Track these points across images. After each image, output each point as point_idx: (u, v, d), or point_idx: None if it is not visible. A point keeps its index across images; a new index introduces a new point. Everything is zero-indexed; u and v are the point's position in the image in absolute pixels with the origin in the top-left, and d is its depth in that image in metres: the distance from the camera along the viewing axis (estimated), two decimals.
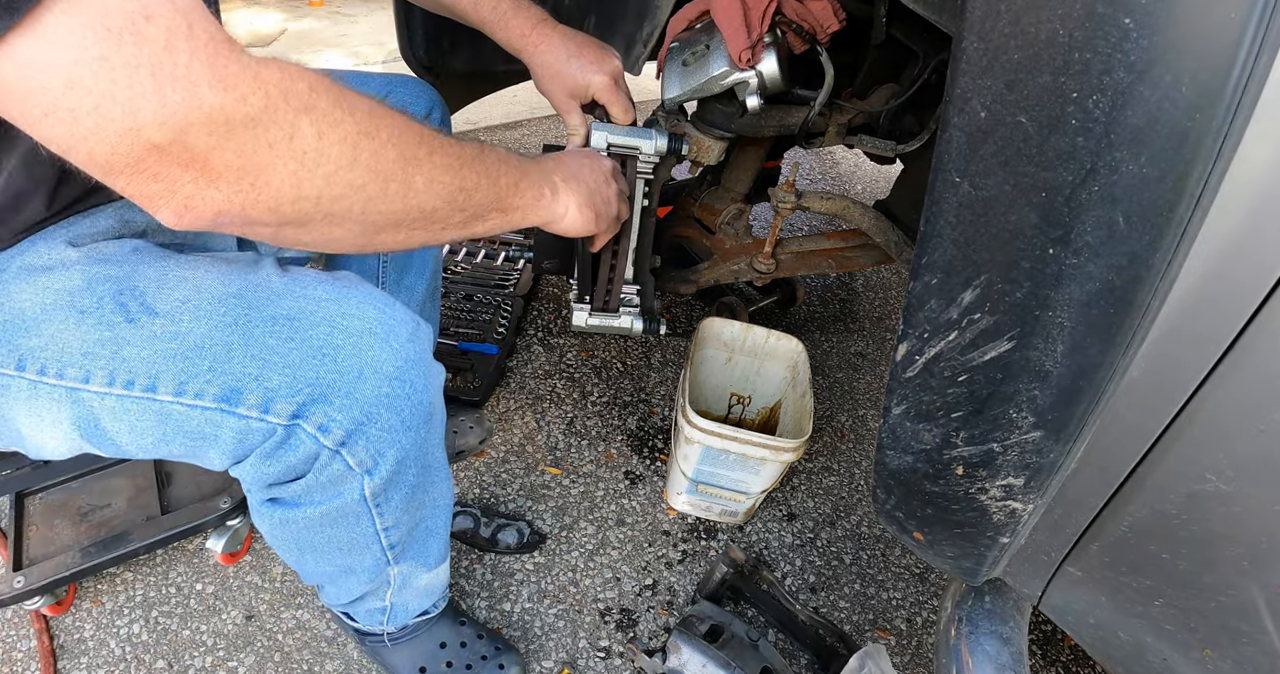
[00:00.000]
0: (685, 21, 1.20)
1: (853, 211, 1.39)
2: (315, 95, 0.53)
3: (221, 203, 0.51)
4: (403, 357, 0.70)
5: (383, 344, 0.69)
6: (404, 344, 0.70)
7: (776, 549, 1.43)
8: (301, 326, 0.67)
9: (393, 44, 1.47)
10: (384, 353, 0.69)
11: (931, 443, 0.71)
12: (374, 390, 0.68)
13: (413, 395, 0.71)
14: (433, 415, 0.76)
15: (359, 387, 0.68)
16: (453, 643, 1.08)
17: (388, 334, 0.69)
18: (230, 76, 0.48)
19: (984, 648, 0.80)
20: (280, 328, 0.66)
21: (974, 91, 0.54)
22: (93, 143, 0.45)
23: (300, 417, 0.67)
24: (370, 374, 0.68)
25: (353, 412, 0.68)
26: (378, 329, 0.69)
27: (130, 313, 0.66)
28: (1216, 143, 0.46)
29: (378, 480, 0.74)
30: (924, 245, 0.63)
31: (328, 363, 0.67)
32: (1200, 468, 0.56)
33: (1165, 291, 0.52)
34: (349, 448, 0.70)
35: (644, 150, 1.13)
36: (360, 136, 0.56)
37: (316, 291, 0.69)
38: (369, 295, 0.71)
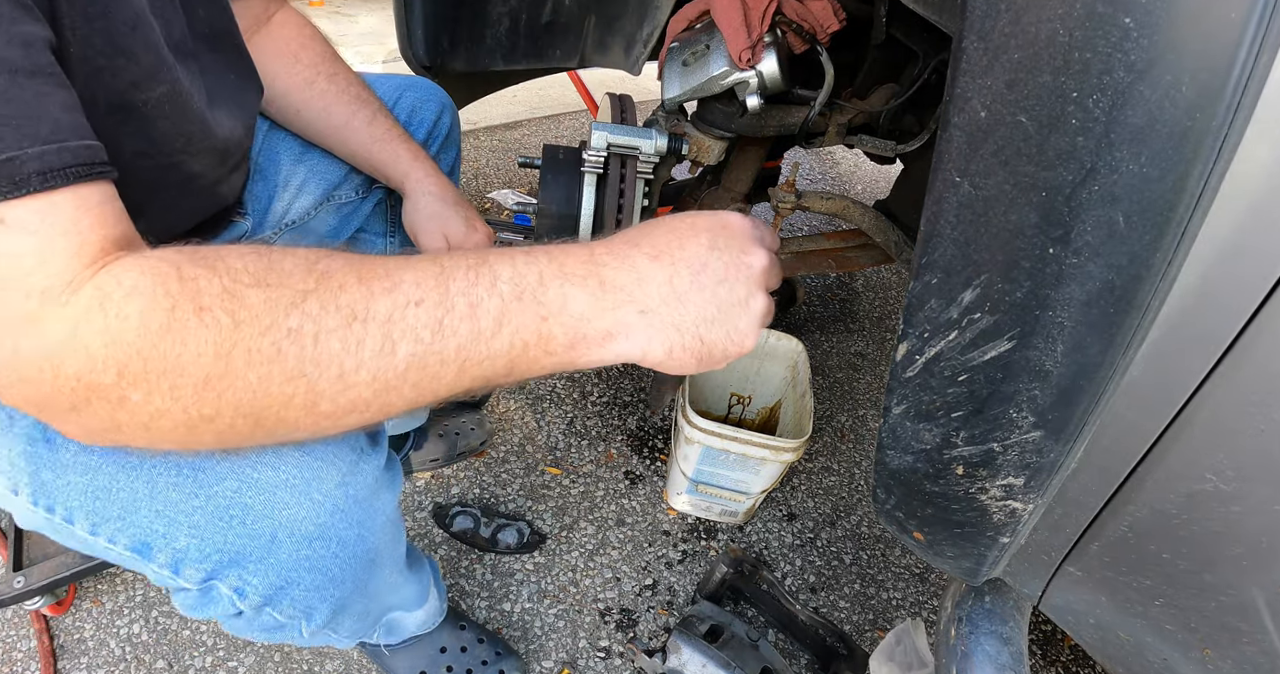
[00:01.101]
0: (685, 21, 1.20)
1: (853, 211, 1.39)
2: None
3: None
4: (327, 510, 0.60)
5: (300, 499, 0.58)
6: (330, 492, 0.60)
7: (776, 549, 1.43)
8: (207, 480, 0.57)
9: (393, 43, 1.47)
10: (302, 510, 0.58)
11: (931, 443, 0.71)
12: (291, 554, 0.60)
13: (341, 552, 0.62)
14: (374, 561, 0.67)
15: (273, 552, 0.59)
16: (453, 648, 1.07)
17: (307, 485, 0.58)
18: None
19: (984, 648, 0.80)
20: (184, 481, 0.57)
21: (974, 91, 0.54)
22: None
23: (214, 579, 0.60)
24: (285, 537, 0.59)
25: (269, 577, 0.60)
26: (295, 481, 0.58)
27: (48, 431, 0.58)
28: (1217, 142, 0.46)
29: (316, 624, 0.67)
30: (924, 245, 0.63)
31: (236, 526, 0.57)
32: (1200, 468, 0.56)
33: (1165, 291, 0.52)
34: (273, 607, 0.63)
35: (644, 150, 1.13)
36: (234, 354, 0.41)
37: None
38: None
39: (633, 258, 0.50)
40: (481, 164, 2.51)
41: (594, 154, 1.12)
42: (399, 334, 0.43)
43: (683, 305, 0.50)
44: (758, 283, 0.54)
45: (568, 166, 1.18)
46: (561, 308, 0.47)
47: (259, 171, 0.94)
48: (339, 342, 0.42)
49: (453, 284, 0.45)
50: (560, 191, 1.18)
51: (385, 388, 0.44)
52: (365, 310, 0.43)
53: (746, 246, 0.54)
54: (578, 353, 0.49)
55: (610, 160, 1.12)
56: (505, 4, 1.47)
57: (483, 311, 0.45)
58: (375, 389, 0.44)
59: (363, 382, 0.43)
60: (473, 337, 0.45)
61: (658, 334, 0.50)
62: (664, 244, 0.52)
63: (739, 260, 0.53)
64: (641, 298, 0.49)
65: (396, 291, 0.44)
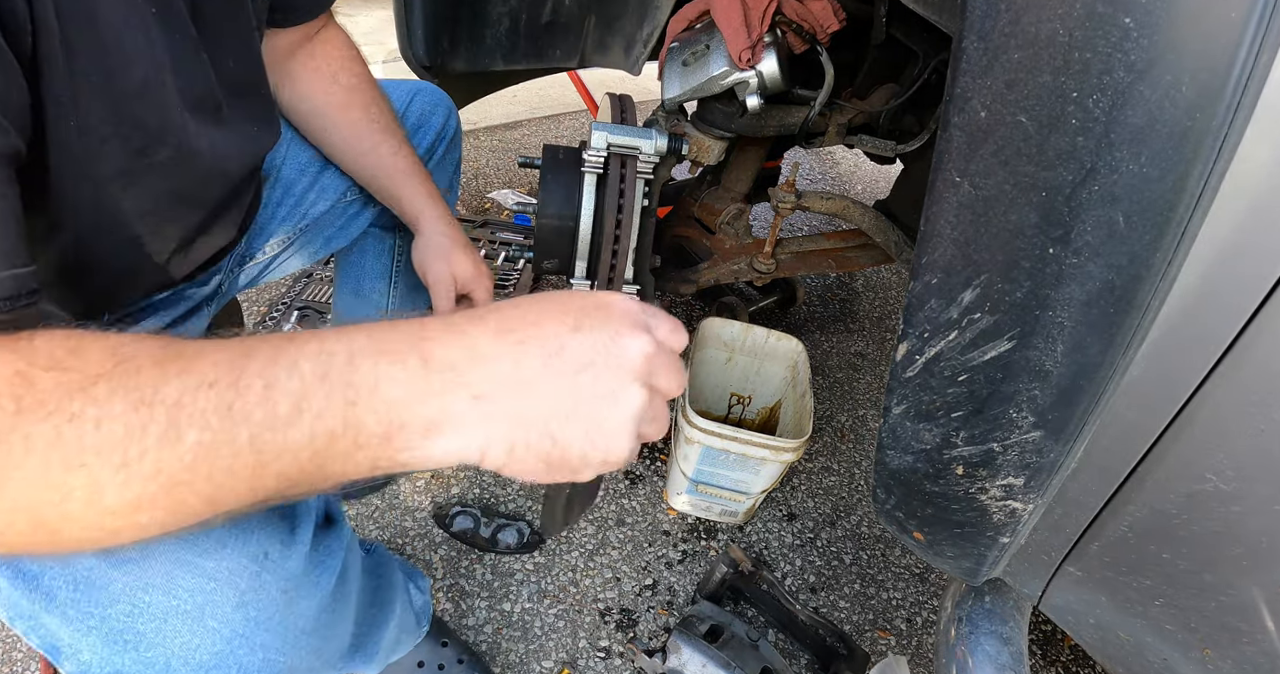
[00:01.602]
0: (685, 21, 1.20)
1: (853, 211, 1.39)
2: None
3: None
4: (225, 636, 0.55)
5: (194, 626, 0.54)
6: (227, 617, 0.55)
7: (776, 549, 1.43)
8: (100, 600, 0.53)
9: (393, 43, 1.47)
10: (195, 638, 0.55)
11: (931, 443, 0.71)
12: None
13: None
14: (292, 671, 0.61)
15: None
16: (430, 664, 1.06)
17: (201, 610, 0.54)
18: None
19: (984, 648, 0.80)
20: (80, 596, 0.53)
21: (974, 91, 0.54)
22: None
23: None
24: (180, 666, 0.55)
25: None
26: (188, 606, 0.54)
27: None
28: (1216, 142, 0.46)
29: None
30: (924, 245, 0.63)
31: (130, 651, 0.54)
32: (1200, 468, 0.56)
33: (1165, 291, 0.52)
34: None
35: (644, 150, 1.13)
36: None
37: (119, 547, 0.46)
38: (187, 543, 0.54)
39: (471, 334, 0.41)
40: (481, 164, 2.51)
41: (594, 154, 1.12)
42: (186, 419, 0.37)
43: (530, 394, 0.40)
44: (634, 374, 0.42)
45: (568, 166, 1.19)
46: (373, 390, 0.39)
47: (279, 180, 0.96)
48: (123, 427, 0.36)
49: (251, 364, 0.38)
50: (560, 192, 1.18)
51: (173, 481, 0.37)
52: (154, 393, 0.37)
53: (623, 329, 0.42)
54: (396, 447, 0.39)
55: (610, 160, 1.12)
56: (505, 4, 1.47)
57: (279, 393, 0.38)
58: (161, 482, 0.37)
59: (147, 473, 0.37)
60: (268, 424, 0.37)
61: (498, 428, 0.40)
62: (515, 320, 0.42)
63: (610, 344, 0.42)
64: (476, 381, 0.40)
65: (190, 373, 0.38)
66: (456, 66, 1.55)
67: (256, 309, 1.72)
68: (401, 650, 0.99)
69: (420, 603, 1.03)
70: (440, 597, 1.23)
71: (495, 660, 1.16)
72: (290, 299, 1.73)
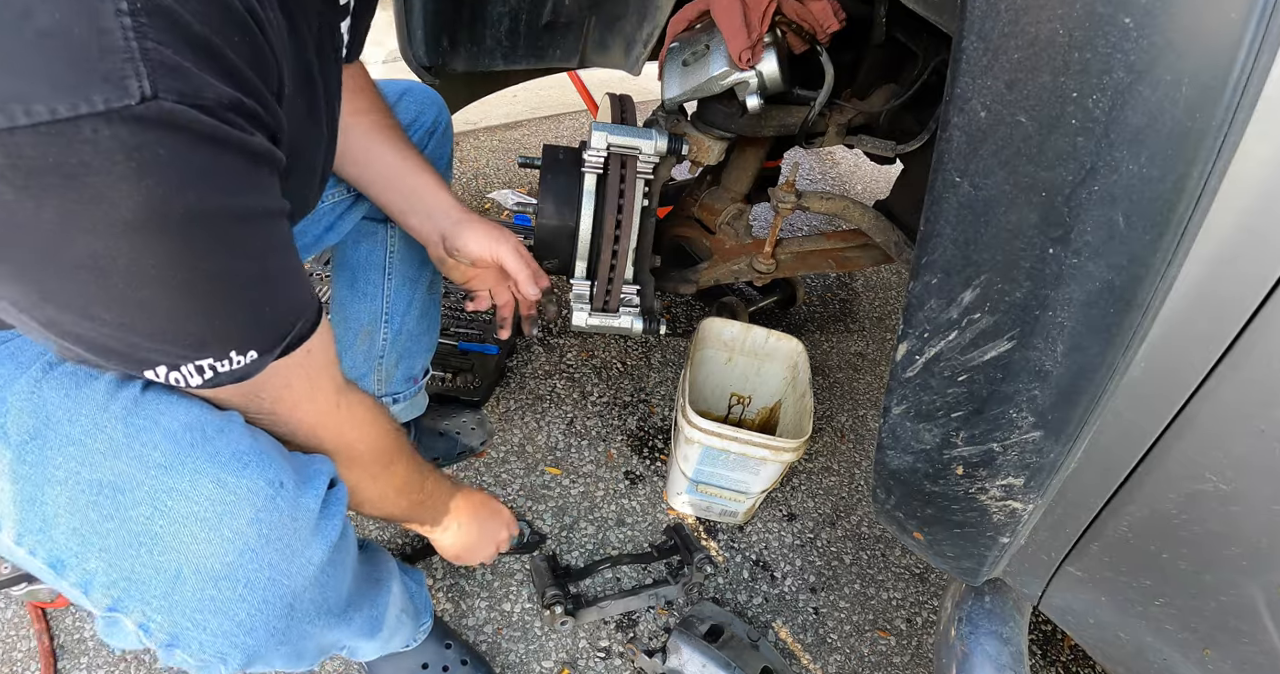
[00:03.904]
0: (685, 21, 1.20)
1: (853, 211, 1.39)
2: None
3: None
4: (238, 547, 0.58)
5: (210, 533, 0.58)
6: (244, 527, 0.59)
7: (776, 549, 1.43)
8: (124, 502, 0.57)
9: (392, 43, 1.47)
10: (210, 545, 0.58)
11: (931, 443, 0.71)
12: (195, 594, 0.58)
13: (250, 594, 0.60)
14: (292, 608, 0.64)
15: (176, 589, 0.58)
16: (434, 666, 1.07)
17: (219, 518, 0.58)
18: None
19: (984, 648, 0.80)
20: (103, 500, 0.57)
21: (974, 91, 0.54)
22: None
23: (118, 610, 0.58)
24: (190, 574, 0.58)
25: (172, 616, 0.58)
26: (207, 513, 0.58)
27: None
28: (1217, 142, 0.46)
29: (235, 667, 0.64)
30: (924, 245, 0.63)
31: (143, 555, 0.57)
32: (1200, 468, 0.56)
33: (1165, 291, 0.52)
34: (181, 649, 0.60)
35: (644, 150, 1.13)
36: None
37: (153, 454, 0.58)
38: (213, 457, 0.59)
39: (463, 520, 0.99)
40: (481, 164, 2.51)
41: (594, 154, 1.12)
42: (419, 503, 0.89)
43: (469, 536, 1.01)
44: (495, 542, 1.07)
45: (568, 167, 1.19)
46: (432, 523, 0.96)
47: None
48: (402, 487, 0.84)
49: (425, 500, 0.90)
50: (560, 191, 1.18)
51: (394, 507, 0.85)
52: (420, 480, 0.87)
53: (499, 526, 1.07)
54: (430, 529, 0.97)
55: (610, 160, 1.12)
56: (505, 4, 1.47)
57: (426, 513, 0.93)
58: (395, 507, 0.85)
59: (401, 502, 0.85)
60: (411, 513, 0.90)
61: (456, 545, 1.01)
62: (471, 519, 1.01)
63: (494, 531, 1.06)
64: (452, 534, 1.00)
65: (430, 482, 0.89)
66: (456, 66, 1.55)
67: None
68: (402, 635, 1.00)
69: (420, 596, 1.04)
70: (440, 597, 1.23)
71: (495, 661, 1.16)
72: None
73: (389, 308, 1.17)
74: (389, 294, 1.16)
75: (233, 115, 0.49)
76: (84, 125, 0.42)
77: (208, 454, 0.59)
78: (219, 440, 0.60)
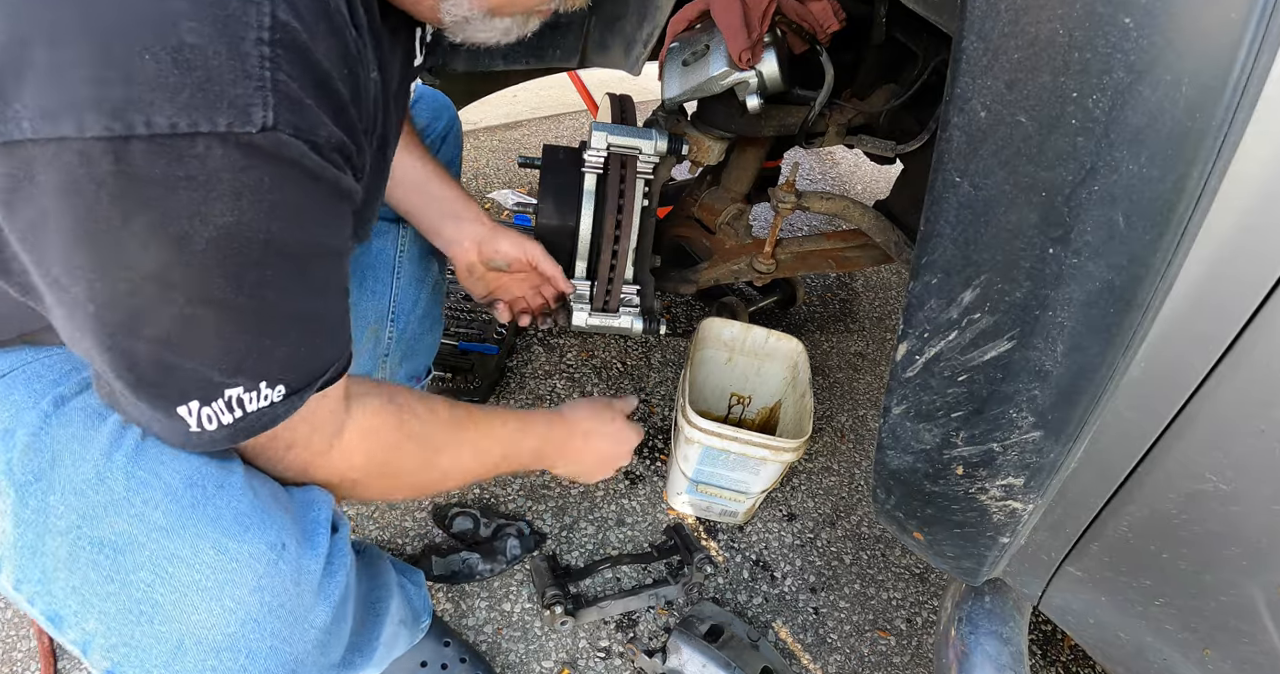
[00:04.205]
0: (685, 21, 1.20)
1: (853, 211, 1.39)
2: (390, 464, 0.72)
3: None
4: (239, 617, 0.57)
5: (212, 603, 0.56)
6: (246, 596, 0.57)
7: (776, 549, 1.43)
8: (124, 565, 0.56)
9: None
10: (211, 616, 0.56)
11: (931, 443, 0.71)
12: (197, 664, 0.57)
13: (252, 665, 0.59)
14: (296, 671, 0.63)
15: (178, 658, 0.57)
16: (433, 664, 1.07)
17: (220, 588, 0.56)
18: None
19: (984, 648, 0.80)
20: (104, 559, 0.56)
21: (974, 91, 0.54)
22: None
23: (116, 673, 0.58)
24: (192, 645, 0.56)
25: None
26: (208, 582, 0.56)
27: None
28: (1217, 142, 0.46)
29: None
30: (924, 245, 0.63)
31: (144, 624, 0.56)
32: (1200, 468, 0.56)
33: (1165, 291, 0.52)
34: None
35: (644, 150, 1.13)
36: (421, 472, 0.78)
37: (154, 514, 0.56)
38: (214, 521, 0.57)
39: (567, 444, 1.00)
40: (481, 164, 2.51)
41: (594, 154, 1.12)
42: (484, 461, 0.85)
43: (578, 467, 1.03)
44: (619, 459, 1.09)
45: (568, 167, 1.19)
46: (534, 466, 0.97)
47: None
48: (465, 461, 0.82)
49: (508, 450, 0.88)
50: (560, 191, 1.18)
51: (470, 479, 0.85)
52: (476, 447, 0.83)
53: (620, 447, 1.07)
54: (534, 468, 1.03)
55: (610, 160, 1.12)
56: None
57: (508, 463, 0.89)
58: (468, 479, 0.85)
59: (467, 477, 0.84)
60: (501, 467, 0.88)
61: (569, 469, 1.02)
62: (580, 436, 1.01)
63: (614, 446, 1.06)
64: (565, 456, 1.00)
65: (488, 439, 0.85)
66: (456, 66, 1.54)
67: None
68: (401, 646, 0.99)
69: (419, 599, 1.03)
70: (440, 597, 1.23)
71: (495, 660, 1.16)
72: None
73: (395, 306, 1.17)
74: (396, 293, 1.16)
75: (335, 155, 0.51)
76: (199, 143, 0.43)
77: (209, 516, 0.58)
78: (219, 499, 0.58)
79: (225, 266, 0.48)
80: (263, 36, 0.44)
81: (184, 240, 0.46)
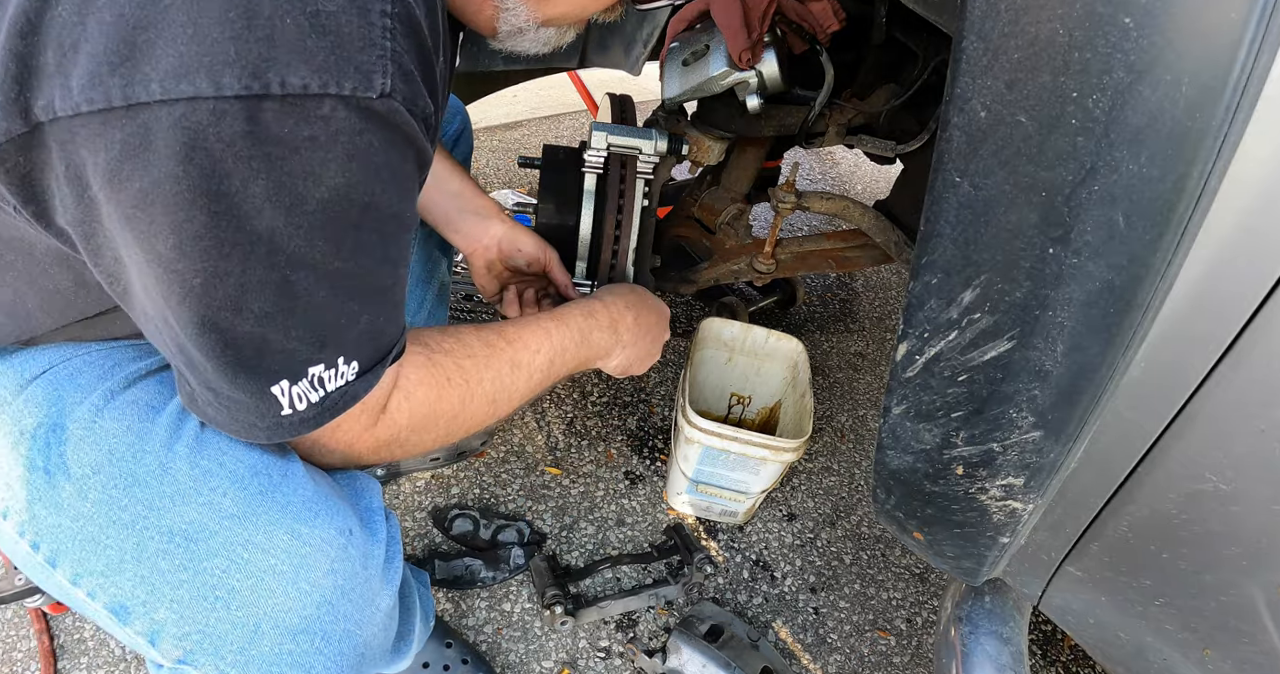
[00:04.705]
0: (685, 22, 1.20)
1: (853, 211, 1.39)
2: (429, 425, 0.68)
3: None
4: (315, 600, 0.58)
5: (289, 587, 0.57)
6: (321, 579, 0.58)
7: (776, 549, 1.43)
8: (197, 553, 0.56)
9: None
10: (288, 599, 0.57)
11: (931, 443, 0.71)
12: (273, 649, 0.57)
13: (327, 648, 0.59)
14: (363, 657, 0.64)
15: (255, 643, 0.56)
16: (435, 665, 1.07)
17: (297, 572, 0.57)
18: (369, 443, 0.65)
19: (984, 648, 0.80)
20: (175, 548, 0.56)
21: (974, 91, 0.54)
22: None
23: (187, 663, 0.57)
24: (269, 629, 0.57)
25: (249, 669, 0.57)
26: (284, 566, 0.57)
27: (49, 461, 0.57)
28: (1217, 142, 0.46)
29: None
30: (924, 245, 0.63)
31: (219, 609, 0.56)
32: (1200, 468, 0.56)
33: (1165, 291, 0.52)
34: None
35: (644, 150, 1.13)
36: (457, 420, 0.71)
37: (224, 501, 0.57)
38: (285, 507, 0.58)
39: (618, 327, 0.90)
40: (481, 164, 2.51)
41: (594, 154, 1.12)
42: (531, 371, 0.76)
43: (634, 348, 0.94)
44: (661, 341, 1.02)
45: (568, 167, 1.18)
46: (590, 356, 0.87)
47: None
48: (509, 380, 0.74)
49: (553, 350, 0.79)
50: (560, 192, 1.18)
51: (525, 396, 0.77)
52: (516, 361, 0.74)
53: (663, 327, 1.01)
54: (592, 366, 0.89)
55: (610, 160, 1.12)
56: None
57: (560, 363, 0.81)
58: (522, 397, 0.76)
59: (519, 395, 0.76)
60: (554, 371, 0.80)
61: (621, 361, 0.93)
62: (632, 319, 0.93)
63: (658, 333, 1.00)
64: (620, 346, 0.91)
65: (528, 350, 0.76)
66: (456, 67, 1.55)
67: None
68: (420, 645, 0.99)
69: (427, 600, 1.03)
70: (440, 597, 1.23)
71: (495, 661, 1.16)
72: None
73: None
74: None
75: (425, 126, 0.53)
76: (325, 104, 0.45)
77: (279, 503, 0.58)
78: (286, 487, 0.59)
79: (329, 229, 0.49)
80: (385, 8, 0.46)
81: (298, 202, 0.47)
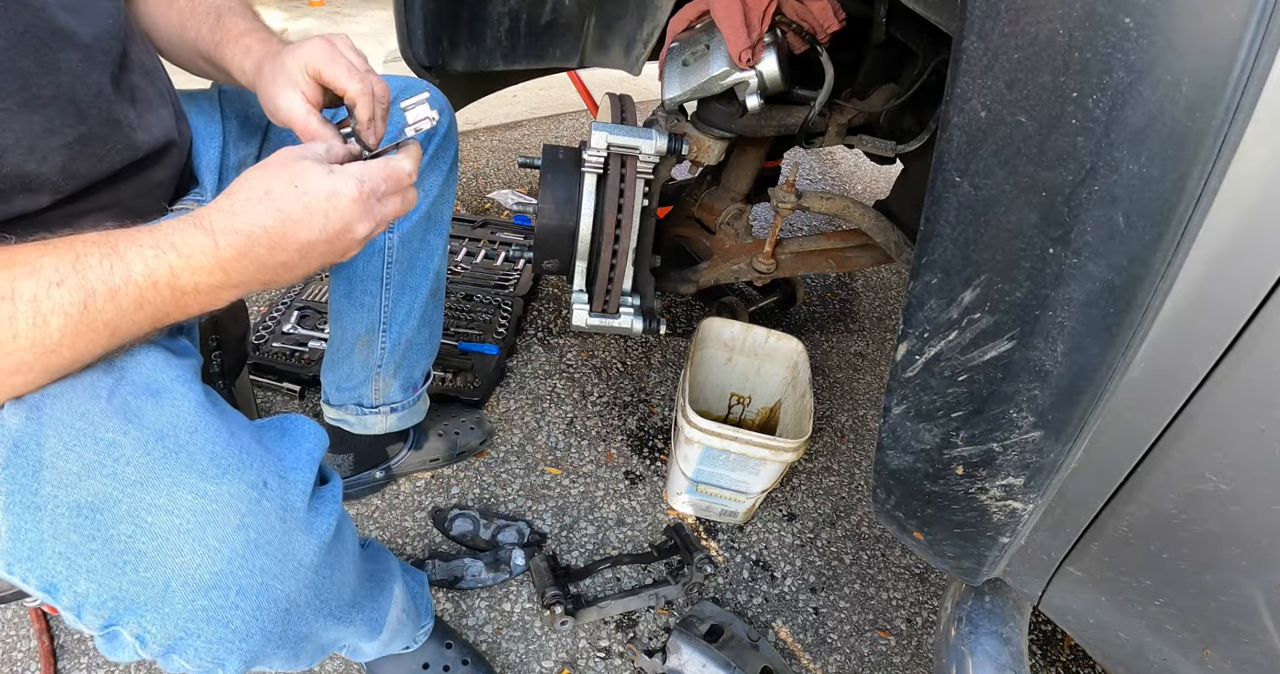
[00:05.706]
0: (685, 21, 1.20)
1: (853, 211, 1.39)
2: None
3: None
4: (225, 556, 0.58)
5: (195, 544, 0.57)
6: (231, 534, 0.58)
7: (776, 549, 1.43)
8: (104, 521, 0.56)
9: (393, 43, 1.47)
10: (196, 556, 0.57)
11: (931, 443, 0.71)
12: (186, 605, 0.57)
13: (243, 601, 0.59)
14: (288, 610, 0.63)
15: (167, 601, 0.57)
16: (435, 666, 1.07)
17: (203, 529, 0.57)
18: None
19: (984, 648, 0.80)
20: (83, 522, 0.56)
21: (974, 91, 0.54)
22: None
23: (114, 625, 0.58)
24: (179, 586, 0.57)
25: (167, 627, 0.58)
26: (189, 525, 0.57)
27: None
28: (1216, 142, 0.46)
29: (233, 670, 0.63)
30: (924, 245, 0.63)
31: (129, 573, 0.57)
32: (1200, 468, 0.56)
33: (1165, 291, 0.52)
34: (179, 655, 0.60)
35: (644, 150, 1.13)
36: None
37: (126, 470, 0.57)
38: (189, 467, 0.58)
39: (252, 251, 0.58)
40: (481, 164, 2.51)
41: (594, 154, 1.12)
42: (48, 310, 0.51)
43: None
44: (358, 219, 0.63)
45: (568, 166, 1.19)
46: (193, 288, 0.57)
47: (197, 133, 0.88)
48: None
49: (89, 271, 0.52)
50: (560, 191, 1.18)
51: (45, 352, 0.52)
52: (11, 291, 0.50)
53: None
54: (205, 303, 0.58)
55: (610, 160, 1.12)
56: (505, 4, 1.47)
57: (123, 297, 0.54)
58: (35, 353, 0.52)
59: (22, 348, 0.51)
60: (118, 314, 0.54)
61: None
62: None
63: None
64: None
65: (38, 275, 0.51)
66: (456, 66, 1.54)
67: (257, 309, 1.73)
68: (404, 636, 0.99)
69: (422, 600, 1.03)
70: (440, 597, 1.23)
71: (495, 661, 1.16)
72: (290, 299, 1.73)
73: (387, 317, 1.16)
74: (387, 304, 1.16)
75: None
76: None
77: (183, 463, 0.58)
78: (193, 445, 0.59)
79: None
80: None
81: None
